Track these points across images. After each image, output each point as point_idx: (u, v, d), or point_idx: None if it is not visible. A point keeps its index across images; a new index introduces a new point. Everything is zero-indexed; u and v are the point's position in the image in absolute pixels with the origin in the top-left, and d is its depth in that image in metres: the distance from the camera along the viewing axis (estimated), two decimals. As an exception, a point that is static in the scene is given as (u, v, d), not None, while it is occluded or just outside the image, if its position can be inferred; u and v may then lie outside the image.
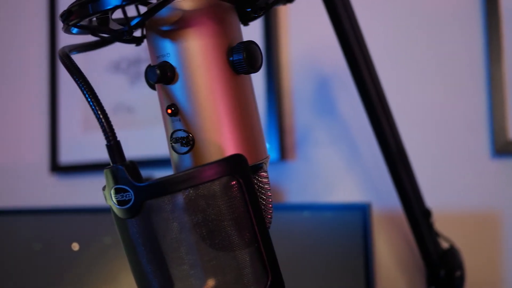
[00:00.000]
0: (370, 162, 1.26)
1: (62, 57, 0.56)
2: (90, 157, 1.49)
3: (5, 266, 1.36)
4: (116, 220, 0.56)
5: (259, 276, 0.55)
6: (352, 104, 1.26)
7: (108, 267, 1.25)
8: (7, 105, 1.64)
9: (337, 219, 1.11)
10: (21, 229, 1.36)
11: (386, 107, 0.93)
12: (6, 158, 1.63)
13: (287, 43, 1.33)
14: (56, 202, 1.52)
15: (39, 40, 1.60)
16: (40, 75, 1.59)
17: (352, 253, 1.08)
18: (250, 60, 0.57)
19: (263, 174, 0.60)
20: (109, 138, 0.54)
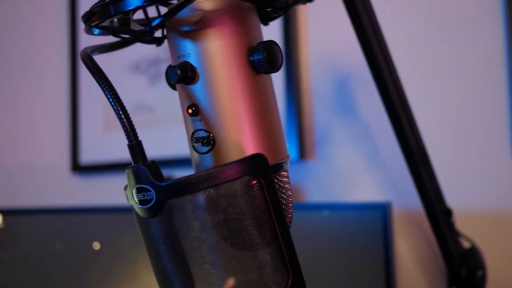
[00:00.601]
0: (390, 161, 1.25)
1: (84, 58, 0.56)
2: (110, 157, 1.50)
3: (27, 265, 1.37)
4: (138, 220, 0.57)
5: (280, 275, 0.55)
6: (372, 102, 1.26)
7: (129, 266, 1.26)
8: (29, 106, 1.66)
9: (357, 219, 1.11)
10: (42, 228, 1.38)
11: (407, 106, 0.93)
12: (28, 158, 1.65)
13: (306, 42, 1.33)
14: (77, 202, 1.53)
15: (59, 40, 1.61)
16: (61, 76, 1.60)
17: (372, 253, 1.08)
18: (271, 60, 0.57)
19: (283, 173, 0.60)
20: (131, 138, 0.54)
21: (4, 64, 1.69)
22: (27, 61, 1.67)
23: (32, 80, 1.66)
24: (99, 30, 0.59)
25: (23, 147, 1.66)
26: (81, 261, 1.31)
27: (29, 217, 1.39)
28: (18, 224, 1.39)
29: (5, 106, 1.68)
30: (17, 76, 1.68)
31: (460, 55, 1.22)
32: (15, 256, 1.38)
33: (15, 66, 1.68)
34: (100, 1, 0.55)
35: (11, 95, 1.67)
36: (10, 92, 1.68)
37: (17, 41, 1.69)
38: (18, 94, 1.67)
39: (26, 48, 1.67)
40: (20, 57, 1.68)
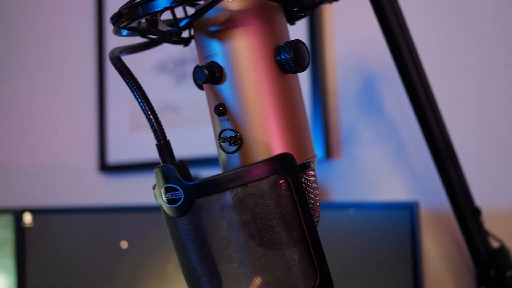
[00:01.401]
0: (417, 160, 1.24)
1: (113, 59, 0.57)
2: (137, 156, 1.51)
3: (55, 264, 1.39)
4: (166, 219, 0.57)
5: (308, 274, 0.55)
6: (398, 101, 1.25)
7: (156, 264, 1.27)
8: (57, 107, 1.68)
9: (384, 218, 1.10)
10: (71, 227, 1.39)
11: (434, 104, 0.92)
12: (56, 159, 1.67)
13: (331, 41, 1.33)
14: (104, 201, 1.55)
15: (87, 41, 1.63)
16: (88, 77, 1.62)
17: (400, 253, 1.07)
18: (298, 59, 0.57)
19: (310, 172, 0.60)
20: (159, 138, 0.55)
21: (33, 66, 1.72)
22: (56, 63, 1.69)
23: (60, 82, 1.68)
24: (127, 31, 0.59)
25: (52, 148, 1.68)
26: (109, 260, 1.33)
27: (58, 216, 1.41)
28: (47, 223, 1.41)
29: (34, 107, 1.70)
30: (45, 78, 1.70)
31: (486, 53, 1.21)
32: (44, 254, 1.40)
33: (44, 68, 1.70)
34: (128, 2, 0.55)
35: (40, 97, 1.70)
36: (38, 93, 1.70)
37: (45, 43, 1.71)
38: (46, 96, 1.69)
39: (55, 50, 1.69)
40: (49, 59, 1.70)
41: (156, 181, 0.55)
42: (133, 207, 1.34)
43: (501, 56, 1.20)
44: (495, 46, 1.21)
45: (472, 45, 1.22)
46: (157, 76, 1.50)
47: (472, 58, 1.22)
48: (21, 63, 1.72)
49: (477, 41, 1.22)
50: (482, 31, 1.22)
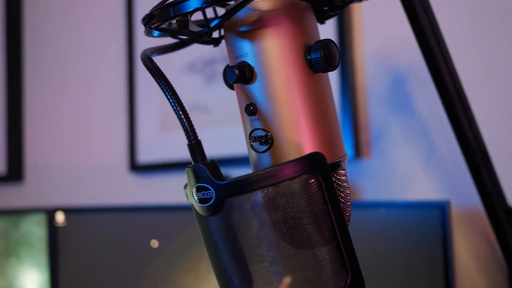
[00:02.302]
0: (448, 158, 1.23)
1: (145, 60, 0.58)
2: (167, 156, 1.52)
3: (87, 262, 1.41)
4: (198, 218, 0.58)
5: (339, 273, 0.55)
6: (428, 99, 1.24)
7: (187, 263, 1.28)
8: (88, 107, 1.70)
9: (414, 218, 1.09)
10: (102, 226, 1.41)
11: (465, 102, 0.91)
12: (87, 159, 1.69)
13: (361, 39, 1.32)
14: (135, 200, 1.56)
15: (117, 42, 1.65)
16: (118, 78, 1.64)
17: (431, 252, 1.07)
18: (328, 59, 0.57)
19: (341, 172, 0.60)
20: (191, 137, 0.55)
21: (63, 67, 1.74)
22: (86, 64, 1.71)
23: (90, 82, 1.70)
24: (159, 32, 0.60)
25: (83, 148, 1.70)
26: (140, 259, 1.34)
27: (89, 215, 1.42)
28: (79, 222, 1.43)
29: (65, 108, 1.73)
30: (76, 79, 1.72)
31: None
32: (76, 253, 1.42)
33: (73, 69, 1.72)
34: (159, 3, 0.56)
35: (71, 97, 1.72)
36: (69, 94, 1.72)
37: (75, 44, 1.73)
38: (77, 96, 1.71)
39: (85, 51, 1.71)
40: (78, 60, 1.72)
41: (188, 180, 0.56)
42: (163, 206, 1.35)
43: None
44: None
45: (505, 43, 1.21)
46: (187, 76, 1.51)
47: (505, 56, 1.21)
48: (53, 66, 1.75)
49: (509, 39, 1.20)
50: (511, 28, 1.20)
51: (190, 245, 1.28)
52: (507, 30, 1.20)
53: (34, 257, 1.45)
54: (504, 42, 1.21)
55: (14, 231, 1.47)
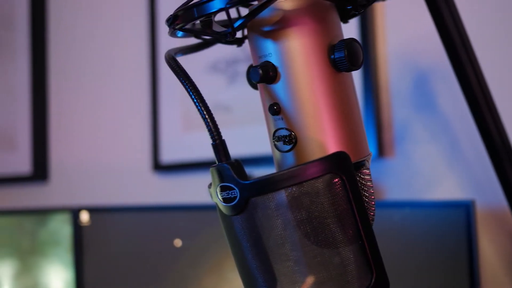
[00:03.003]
0: (472, 157, 1.22)
1: (169, 60, 0.58)
2: (190, 156, 1.53)
3: (110, 261, 1.42)
4: (222, 217, 0.58)
5: (363, 273, 0.55)
6: (452, 98, 1.23)
7: (211, 262, 1.29)
8: (111, 107, 1.71)
9: (439, 217, 1.08)
10: (125, 226, 1.42)
11: (490, 100, 0.90)
12: (110, 158, 1.70)
13: (383, 38, 1.32)
14: (158, 200, 1.57)
15: (140, 42, 1.66)
16: (141, 78, 1.65)
17: (455, 252, 1.06)
18: (352, 58, 0.57)
19: (365, 171, 0.60)
20: (215, 137, 0.55)
21: (86, 67, 1.76)
22: (109, 64, 1.72)
23: (113, 83, 1.71)
24: (182, 32, 0.60)
25: (107, 148, 1.71)
26: (163, 258, 1.35)
27: (113, 215, 1.44)
28: (103, 221, 1.44)
29: (89, 108, 1.74)
30: (99, 79, 1.73)
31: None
32: (100, 252, 1.43)
33: (97, 69, 1.74)
34: (183, 4, 0.56)
35: (94, 97, 1.73)
36: (93, 94, 1.74)
37: (99, 44, 1.74)
38: (100, 96, 1.73)
39: (108, 51, 1.73)
40: (102, 60, 1.73)
41: (212, 180, 0.56)
42: (186, 206, 1.35)
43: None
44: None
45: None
46: (209, 76, 1.51)
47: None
48: (78, 66, 1.76)
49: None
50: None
51: (213, 245, 1.28)
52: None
53: (60, 256, 1.47)
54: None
55: (40, 230, 1.49)
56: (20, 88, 1.78)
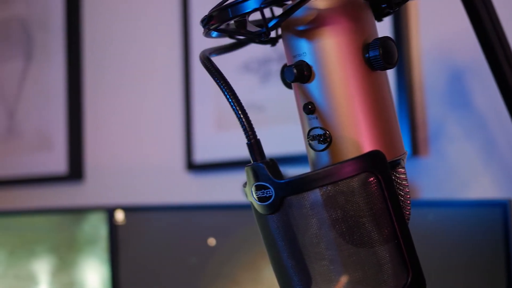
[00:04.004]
0: (509, 155, 1.20)
1: (204, 60, 0.59)
2: (223, 155, 1.54)
3: (145, 260, 1.43)
4: (257, 216, 0.58)
5: (399, 272, 0.55)
6: (488, 95, 1.21)
7: (245, 261, 1.29)
8: (145, 108, 1.73)
9: (474, 217, 1.07)
10: (159, 225, 1.43)
11: (527, 99, 0.89)
12: (145, 158, 1.72)
13: (417, 36, 1.31)
14: (192, 199, 1.58)
15: (173, 42, 1.67)
16: (174, 77, 1.66)
17: (492, 253, 1.04)
18: (387, 56, 0.56)
19: (400, 170, 0.60)
20: (250, 137, 0.56)
21: (121, 68, 1.77)
22: (142, 65, 1.74)
23: (147, 83, 1.73)
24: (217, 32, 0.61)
25: (141, 148, 1.73)
26: (197, 257, 1.36)
27: (148, 214, 1.45)
28: (138, 220, 1.45)
29: (124, 108, 1.76)
30: (134, 80, 1.75)
31: None
32: (135, 251, 1.45)
33: (131, 70, 1.76)
34: (218, 5, 0.57)
35: (129, 98, 1.75)
36: (127, 94, 1.76)
37: (132, 45, 1.76)
38: (135, 97, 1.74)
39: (141, 52, 1.75)
40: (135, 61, 1.75)
41: (247, 179, 0.57)
42: (220, 205, 1.36)
43: None
44: None
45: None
46: (242, 76, 1.52)
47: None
48: (112, 67, 1.79)
49: None
50: None
51: (247, 243, 1.28)
52: None
53: (95, 254, 1.49)
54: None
55: (76, 229, 1.52)
56: (55, 89, 1.81)
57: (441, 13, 1.28)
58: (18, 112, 1.88)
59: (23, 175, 1.85)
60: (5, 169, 1.88)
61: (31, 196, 1.86)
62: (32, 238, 1.56)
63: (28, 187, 1.86)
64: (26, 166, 1.85)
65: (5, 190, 1.90)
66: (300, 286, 0.57)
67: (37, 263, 1.54)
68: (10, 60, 1.91)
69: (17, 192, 1.88)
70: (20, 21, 1.90)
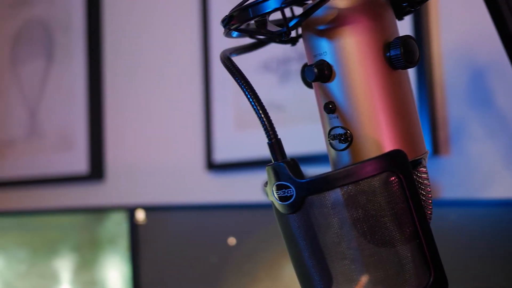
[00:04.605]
0: (531, 155, 1.19)
1: (224, 60, 0.59)
2: (243, 155, 1.54)
3: (166, 259, 1.44)
4: (278, 216, 0.58)
5: (421, 272, 0.55)
6: (510, 94, 1.20)
7: (265, 261, 1.29)
8: (165, 107, 1.73)
9: (496, 216, 1.06)
10: (180, 224, 1.44)
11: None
12: (165, 157, 1.73)
13: (438, 34, 1.30)
14: (212, 199, 1.59)
15: (192, 42, 1.67)
16: (194, 77, 1.67)
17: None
18: (408, 55, 0.56)
19: (422, 169, 0.60)
20: (271, 136, 0.56)
21: (140, 68, 1.78)
22: (162, 64, 1.75)
23: (167, 83, 1.74)
24: (237, 32, 0.61)
25: (161, 148, 1.74)
26: (217, 256, 1.36)
27: (168, 213, 1.46)
28: (159, 220, 1.46)
29: (143, 108, 1.77)
30: (153, 80, 1.76)
31: None
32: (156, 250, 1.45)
33: (151, 70, 1.77)
34: (238, 5, 0.57)
35: (149, 98, 1.76)
36: (147, 94, 1.77)
37: (152, 46, 1.77)
38: (155, 96, 1.75)
39: (161, 52, 1.75)
40: (155, 61, 1.76)
41: (268, 178, 0.57)
42: (240, 205, 1.36)
43: None
44: None
45: None
46: (261, 75, 1.52)
47: None
48: (132, 66, 1.80)
49: None
50: None
51: (267, 243, 1.29)
52: None
53: (117, 253, 1.50)
54: None
55: (97, 228, 1.53)
56: (77, 89, 1.83)
57: (462, 11, 1.27)
58: (40, 113, 1.90)
59: (45, 175, 1.87)
60: (27, 169, 1.90)
61: (52, 196, 1.88)
62: (54, 237, 1.58)
63: (49, 187, 1.88)
64: (47, 166, 1.86)
65: (27, 189, 1.92)
66: (321, 285, 0.57)
67: (59, 262, 1.56)
68: (32, 61, 1.93)
69: (39, 192, 1.90)
70: (42, 22, 1.92)
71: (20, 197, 1.94)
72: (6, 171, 1.94)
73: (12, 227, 1.62)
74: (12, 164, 1.93)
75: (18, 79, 1.95)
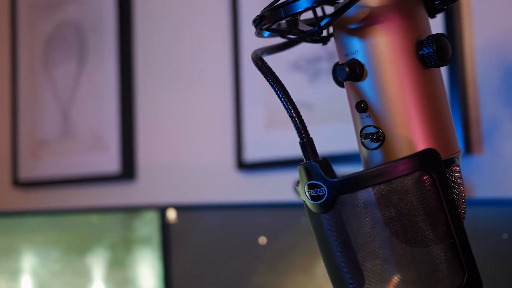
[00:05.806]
0: None
1: (256, 60, 0.59)
2: (273, 154, 1.54)
3: (197, 258, 1.45)
4: (310, 215, 0.58)
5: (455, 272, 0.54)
6: (544, 93, 1.19)
7: (296, 260, 1.29)
8: (196, 107, 1.74)
9: (531, 215, 1.05)
10: (211, 223, 1.44)
11: None
12: (195, 157, 1.74)
13: (470, 32, 1.28)
14: (243, 198, 1.59)
15: (223, 42, 1.68)
16: (224, 77, 1.67)
17: (550, 252, 1.02)
18: (440, 53, 0.56)
19: (455, 168, 0.59)
20: (303, 135, 0.56)
21: (171, 68, 1.80)
22: (193, 65, 1.76)
23: (198, 83, 1.74)
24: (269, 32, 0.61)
25: (192, 147, 1.75)
26: (248, 256, 1.36)
27: (199, 213, 1.46)
28: (190, 219, 1.47)
29: (175, 108, 1.78)
30: (184, 80, 1.77)
31: None
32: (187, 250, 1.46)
33: (182, 70, 1.78)
34: (269, 5, 0.57)
35: (179, 98, 1.77)
36: (178, 95, 1.78)
37: (183, 46, 1.78)
38: (185, 96, 1.76)
39: (192, 52, 1.76)
40: (186, 61, 1.77)
41: (300, 178, 0.57)
42: (271, 204, 1.36)
43: None
44: None
45: None
46: (291, 74, 1.52)
47: None
48: (163, 67, 1.81)
49: None
50: None
51: (298, 242, 1.29)
52: None
53: (148, 252, 1.51)
54: None
55: (129, 228, 1.54)
56: (108, 90, 1.85)
57: (495, 8, 1.25)
58: (72, 114, 1.92)
59: (78, 174, 1.89)
60: (60, 169, 1.93)
61: (85, 195, 1.90)
62: (87, 236, 1.60)
63: (82, 187, 1.91)
64: (80, 166, 1.89)
65: (60, 189, 1.95)
66: (353, 284, 0.57)
67: (92, 260, 1.58)
68: (64, 63, 1.95)
69: (72, 191, 1.93)
70: (74, 24, 1.94)
71: (53, 196, 1.97)
72: (40, 171, 1.97)
73: (46, 226, 1.64)
74: (46, 164, 1.96)
75: (52, 80, 1.98)
